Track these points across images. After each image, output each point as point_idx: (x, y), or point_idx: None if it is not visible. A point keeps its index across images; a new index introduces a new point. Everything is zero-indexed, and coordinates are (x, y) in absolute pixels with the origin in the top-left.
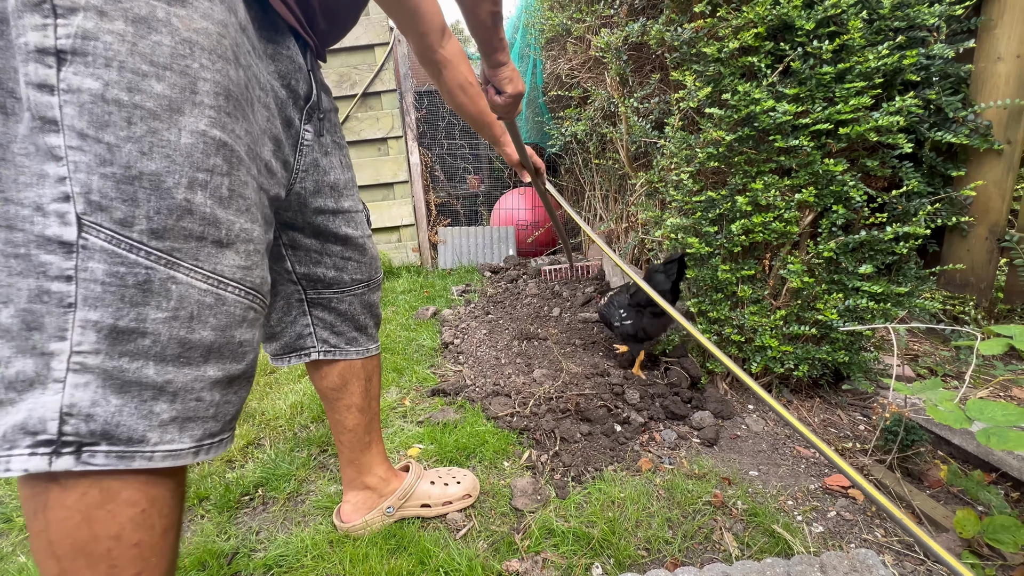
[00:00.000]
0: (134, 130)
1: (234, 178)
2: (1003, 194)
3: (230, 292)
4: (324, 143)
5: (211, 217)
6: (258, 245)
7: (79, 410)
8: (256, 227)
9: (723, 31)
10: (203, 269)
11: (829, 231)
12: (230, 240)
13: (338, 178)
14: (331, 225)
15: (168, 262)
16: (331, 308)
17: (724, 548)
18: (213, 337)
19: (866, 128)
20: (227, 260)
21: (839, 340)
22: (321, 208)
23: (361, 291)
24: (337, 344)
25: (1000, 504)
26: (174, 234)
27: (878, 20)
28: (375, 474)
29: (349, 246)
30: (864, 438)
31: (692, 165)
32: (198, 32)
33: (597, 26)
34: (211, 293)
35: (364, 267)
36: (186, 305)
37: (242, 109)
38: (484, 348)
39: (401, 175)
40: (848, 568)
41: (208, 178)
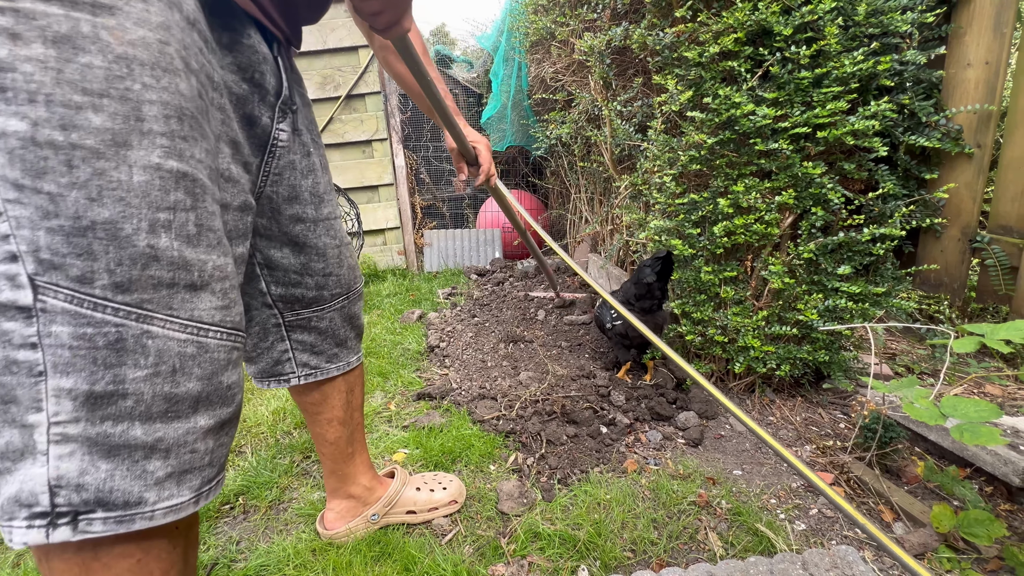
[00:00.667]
0: (77, 174)
1: (200, 211)
2: (974, 196)
3: (211, 338)
4: (303, 142)
5: (180, 260)
6: (233, 281)
7: (67, 481)
8: (228, 260)
9: (704, 36)
10: (179, 318)
11: (809, 233)
12: (204, 281)
13: (318, 182)
14: (310, 235)
15: (139, 316)
16: (311, 328)
17: (709, 548)
18: (200, 387)
19: (843, 132)
20: (204, 304)
21: (819, 340)
22: (299, 216)
23: (342, 304)
24: (318, 365)
25: (974, 498)
26: (141, 285)
27: (853, 26)
28: (359, 483)
29: (329, 258)
30: (845, 436)
31: (675, 168)
32: (135, 44)
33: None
34: (192, 342)
35: (343, 279)
36: (166, 359)
37: (199, 127)
38: (470, 351)
39: (386, 178)
40: (829, 565)
41: (171, 217)
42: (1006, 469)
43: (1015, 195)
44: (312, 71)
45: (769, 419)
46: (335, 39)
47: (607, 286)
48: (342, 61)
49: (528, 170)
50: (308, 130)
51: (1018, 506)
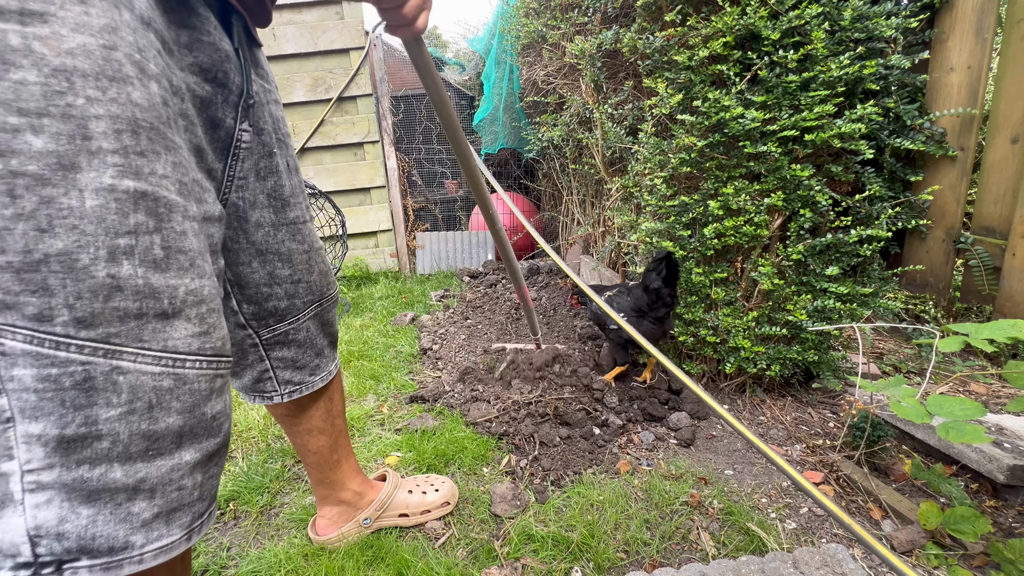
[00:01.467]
0: (22, 204)
1: (166, 232)
2: (958, 198)
3: (190, 368)
4: (264, 142)
5: (147, 288)
6: (211, 303)
7: (47, 530)
8: (206, 282)
9: (693, 40)
10: (151, 350)
11: (797, 234)
12: (177, 308)
13: (281, 184)
14: (272, 241)
15: (107, 351)
16: (289, 343)
17: (701, 548)
18: (182, 421)
19: (830, 135)
20: (178, 332)
21: (809, 340)
22: (261, 221)
23: (315, 312)
24: (302, 380)
25: (960, 495)
26: (105, 318)
27: (839, 31)
28: (349, 489)
29: (296, 264)
30: (834, 435)
31: (665, 170)
32: (73, 53)
33: (572, 33)
34: (168, 375)
35: (314, 285)
36: (141, 395)
37: (160, 138)
38: (463, 353)
39: (378, 180)
40: (820, 563)
41: (132, 242)
42: (991, 466)
43: (997, 197)
44: (303, 73)
45: (760, 419)
46: (326, 41)
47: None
48: (333, 63)
49: (520, 172)
50: (273, 129)
51: (1003, 502)
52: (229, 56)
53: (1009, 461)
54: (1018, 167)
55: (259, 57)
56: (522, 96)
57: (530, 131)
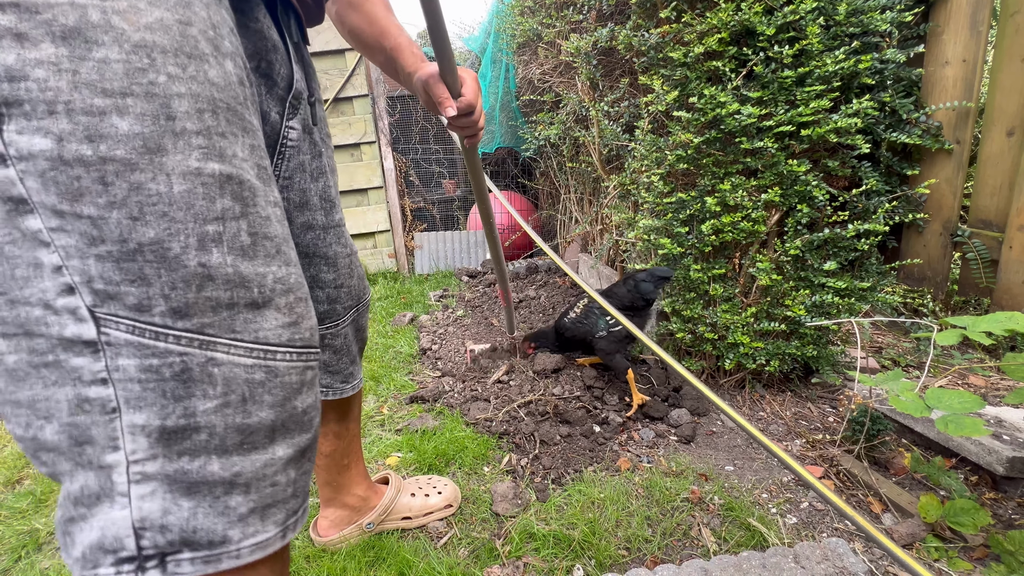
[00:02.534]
0: (114, 192)
1: (252, 217)
2: (954, 191)
3: (280, 360)
4: (314, 141)
5: (236, 277)
6: (299, 292)
7: (152, 522)
8: (292, 269)
9: (688, 36)
10: (243, 342)
11: (795, 229)
12: (266, 297)
13: (329, 185)
14: (320, 244)
15: (202, 343)
16: (325, 346)
17: (702, 544)
18: (274, 416)
19: (826, 130)
20: (268, 323)
21: (807, 335)
22: (310, 223)
23: (353, 318)
24: (331, 384)
25: (960, 488)
26: (199, 308)
27: (834, 26)
28: (354, 494)
29: (340, 268)
30: (833, 429)
31: (662, 167)
32: (152, 28)
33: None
34: (259, 367)
35: (354, 290)
36: (235, 388)
37: (239, 119)
38: (463, 353)
39: (375, 180)
40: (820, 557)
41: (221, 228)
42: (990, 458)
43: (993, 190)
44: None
45: (760, 414)
46: (321, 42)
47: (597, 286)
48: (328, 64)
49: (518, 171)
50: (320, 128)
51: (1003, 494)
52: (276, 47)
53: (1008, 453)
54: (1014, 160)
55: (306, 55)
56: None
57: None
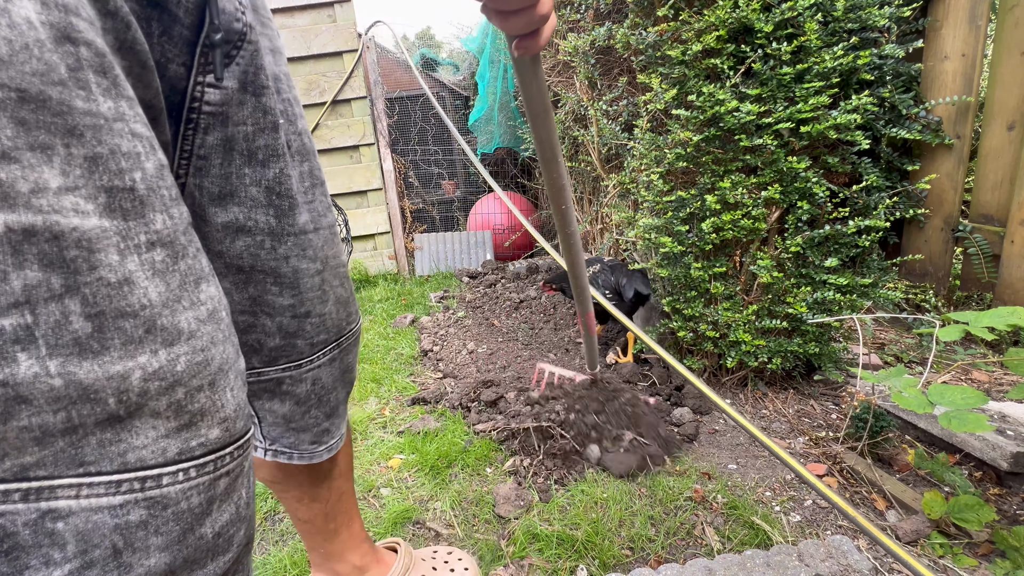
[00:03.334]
0: None
1: (90, 289)
2: (955, 186)
3: (168, 485)
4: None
5: (71, 389)
6: (198, 378)
7: None
8: (180, 349)
9: (686, 34)
10: (102, 474)
11: (795, 227)
12: (132, 405)
13: (286, 173)
14: (266, 256)
15: (27, 492)
16: (283, 394)
17: (706, 543)
18: (170, 558)
19: (826, 126)
20: (140, 438)
21: (809, 332)
22: (242, 225)
23: (331, 355)
24: (297, 446)
25: (964, 484)
26: (11, 446)
27: (832, 22)
28: (347, 562)
29: (303, 290)
30: (836, 426)
31: (662, 166)
32: None
33: (564, 31)
34: (135, 504)
35: (330, 320)
36: (97, 542)
37: (47, 111)
38: (464, 354)
39: (375, 182)
40: (824, 555)
41: (27, 320)
42: (994, 454)
43: (995, 184)
44: (296, 77)
45: (762, 412)
46: (319, 44)
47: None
48: (326, 67)
49: (517, 171)
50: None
51: (1007, 490)
52: None
53: (1012, 448)
54: (1015, 154)
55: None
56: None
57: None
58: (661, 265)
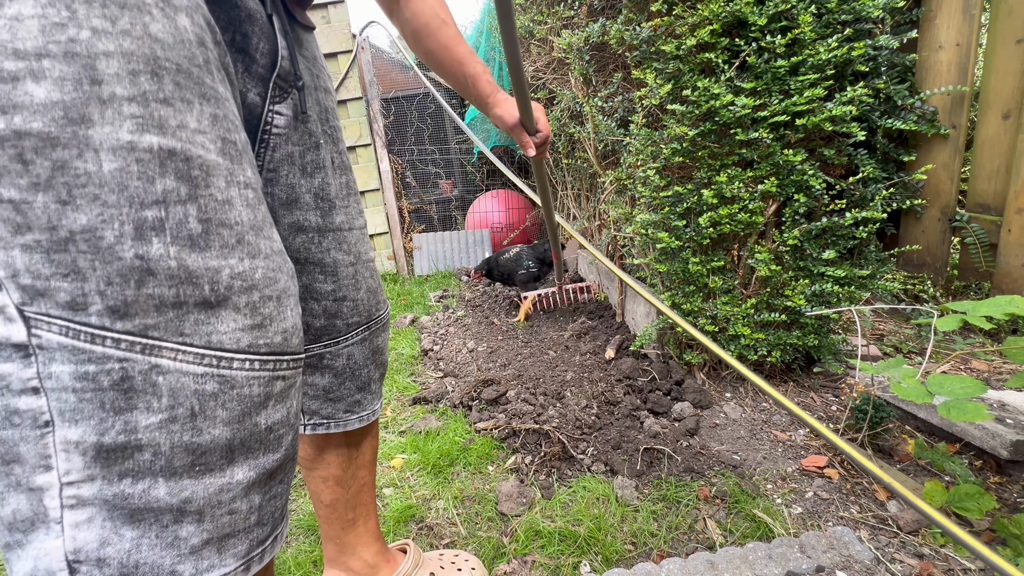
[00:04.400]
0: (35, 171)
1: (204, 201)
2: (952, 176)
3: (237, 369)
4: (310, 131)
5: (181, 271)
6: (268, 289)
7: (87, 555)
8: (259, 263)
9: (680, 29)
10: (193, 347)
11: (792, 219)
12: (220, 296)
13: (327, 182)
14: (314, 248)
15: (145, 347)
16: (323, 368)
17: (708, 536)
18: (230, 433)
19: (821, 118)
20: (223, 325)
21: (808, 325)
22: (301, 224)
23: (362, 336)
24: (333, 415)
25: (964, 473)
26: (140, 307)
27: (826, 14)
28: (360, 558)
29: (341, 278)
30: (837, 418)
31: (658, 161)
32: None
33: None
34: (211, 377)
35: (362, 304)
36: (182, 400)
37: (195, 83)
38: (464, 353)
39: (372, 183)
40: (826, 546)
41: (162, 214)
42: (994, 442)
43: (991, 173)
44: None
45: (762, 405)
46: None
47: (595, 279)
48: None
49: (514, 169)
50: (320, 118)
51: (1008, 478)
52: (253, 16)
53: (1012, 437)
54: (1010, 143)
55: (305, 39)
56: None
57: None
58: (659, 260)
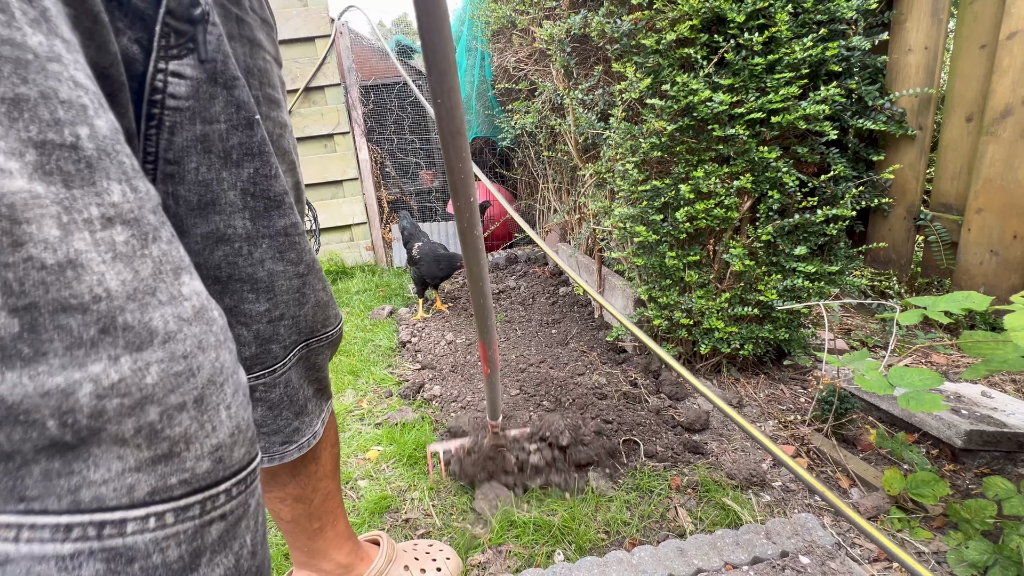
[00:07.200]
0: None
1: (12, 273)
2: (917, 176)
3: (134, 533)
4: (236, 100)
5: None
6: (180, 391)
7: None
8: (152, 354)
9: (660, 23)
10: (48, 513)
11: (766, 216)
12: (81, 430)
13: (267, 174)
14: (243, 264)
15: None
16: (257, 401)
17: (679, 524)
18: None
19: (796, 116)
20: (98, 471)
21: (779, 319)
22: (222, 234)
23: (300, 354)
24: (268, 448)
25: (921, 461)
26: None
27: (802, 13)
28: (332, 560)
29: (278, 294)
30: (804, 409)
31: (637, 155)
32: None
33: (540, 18)
34: (89, 556)
35: (303, 321)
36: None
37: None
38: (442, 345)
39: (350, 172)
40: (791, 532)
41: None
42: (949, 432)
43: (953, 174)
44: None
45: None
46: (290, 29)
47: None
48: (298, 52)
49: (495, 161)
50: (255, 82)
51: (961, 466)
52: None
53: (966, 427)
54: (972, 145)
55: None
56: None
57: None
58: (636, 254)
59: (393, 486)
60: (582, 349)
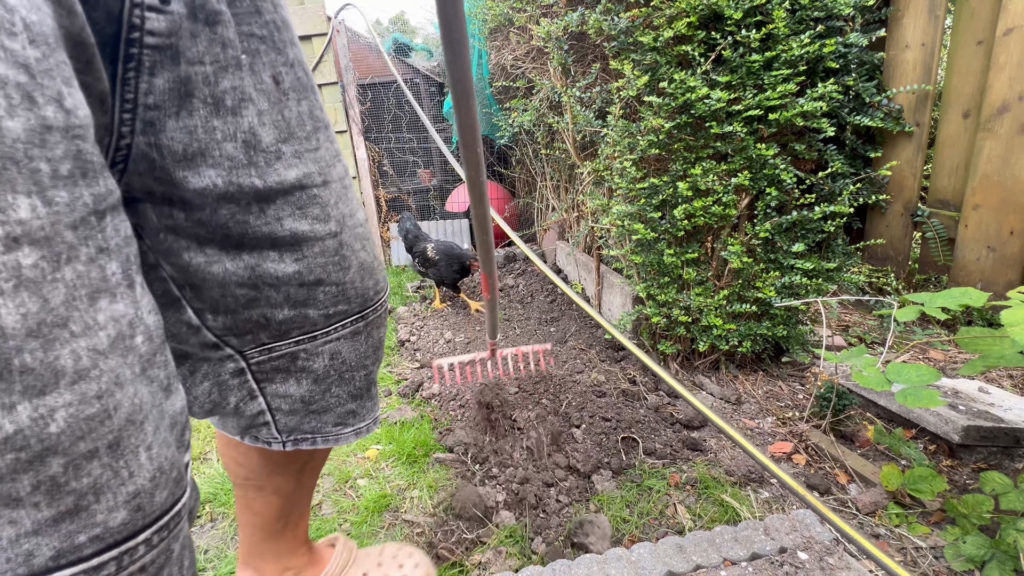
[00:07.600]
0: None
1: None
2: (915, 173)
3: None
4: (224, 40)
5: None
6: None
7: None
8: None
9: (658, 20)
10: None
11: (764, 213)
12: None
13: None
14: (252, 221)
15: None
16: (300, 371)
17: (678, 521)
18: None
19: (793, 113)
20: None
21: (778, 316)
22: (222, 191)
23: (353, 328)
24: (320, 428)
25: (919, 457)
26: None
27: (800, 10)
28: (283, 564)
29: (308, 257)
30: (803, 406)
31: (635, 153)
32: None
33: (538, 15)
34: None
35: (350, 288)
36: None
37: None
38: (441, 343)
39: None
40: (789, 528)
41: None
42: (947, 428)
43: (951, 170)
44: None
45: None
46: None
47: (575, 272)
48: None
49: (493, 159)
50: (242, 20)
51: (958, 461)
52: None
53: (963, 422)
54: (969, 141)
55: None
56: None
57: (501, 117)
58: (635, 252)
59: (392, 484)
60: (581, 347)
